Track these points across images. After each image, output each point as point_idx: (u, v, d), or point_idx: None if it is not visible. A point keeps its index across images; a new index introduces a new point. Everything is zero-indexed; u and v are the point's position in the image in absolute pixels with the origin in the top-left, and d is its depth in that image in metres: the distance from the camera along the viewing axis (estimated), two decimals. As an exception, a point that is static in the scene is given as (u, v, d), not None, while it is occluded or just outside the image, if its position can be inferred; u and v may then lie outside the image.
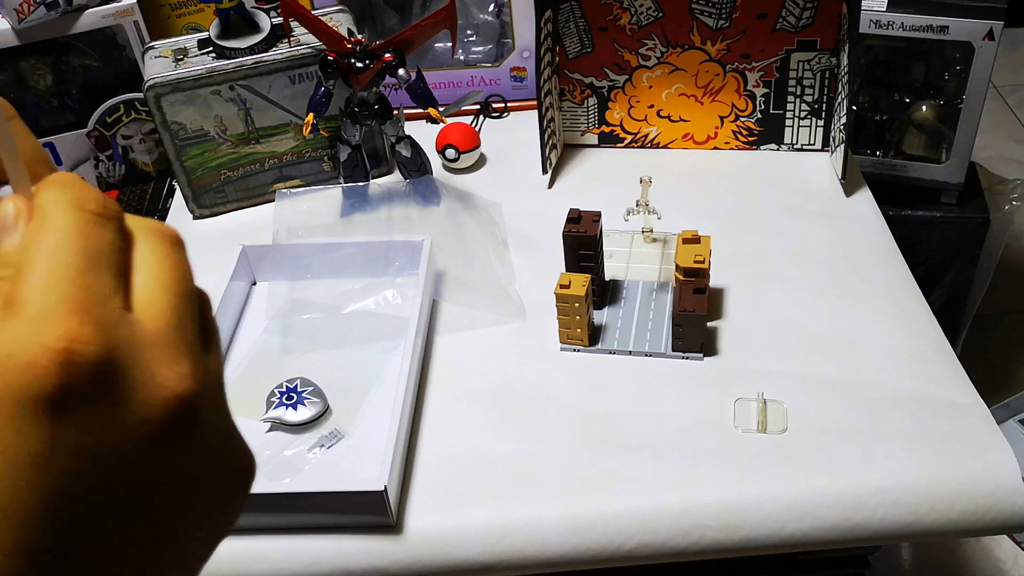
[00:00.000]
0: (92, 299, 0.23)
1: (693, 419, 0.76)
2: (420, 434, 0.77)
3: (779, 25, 1.00)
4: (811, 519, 0.69)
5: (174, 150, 1.01)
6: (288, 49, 0.99)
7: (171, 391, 0.24)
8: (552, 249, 0.86)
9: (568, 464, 0.74)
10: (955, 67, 1.24)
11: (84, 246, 0.23)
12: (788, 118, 1.06)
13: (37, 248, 0.23)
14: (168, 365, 0.24)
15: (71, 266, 0.23)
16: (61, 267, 0.23)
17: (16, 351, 0.22)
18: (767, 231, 0.96)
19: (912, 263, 0.91)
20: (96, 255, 0.24)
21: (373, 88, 0.97)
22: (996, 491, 0.70)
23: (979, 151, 1.41)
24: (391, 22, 1.24)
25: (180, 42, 1.01)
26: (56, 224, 0.24)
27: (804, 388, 0.78)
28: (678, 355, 0.82)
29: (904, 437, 0.73)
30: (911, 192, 1.31)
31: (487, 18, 1.22)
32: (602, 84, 1.07)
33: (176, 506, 0.25)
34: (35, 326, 0.22)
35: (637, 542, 0.69)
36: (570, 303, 0.80)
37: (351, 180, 1.03)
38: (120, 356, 0.23)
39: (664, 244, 0.94)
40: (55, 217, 0.24)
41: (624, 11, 1.02)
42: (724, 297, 0.88)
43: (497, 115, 1.19)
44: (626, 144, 1.11)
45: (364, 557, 0.69)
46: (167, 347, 0.24)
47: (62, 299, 0.22)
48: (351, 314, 0.89)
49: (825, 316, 0.85)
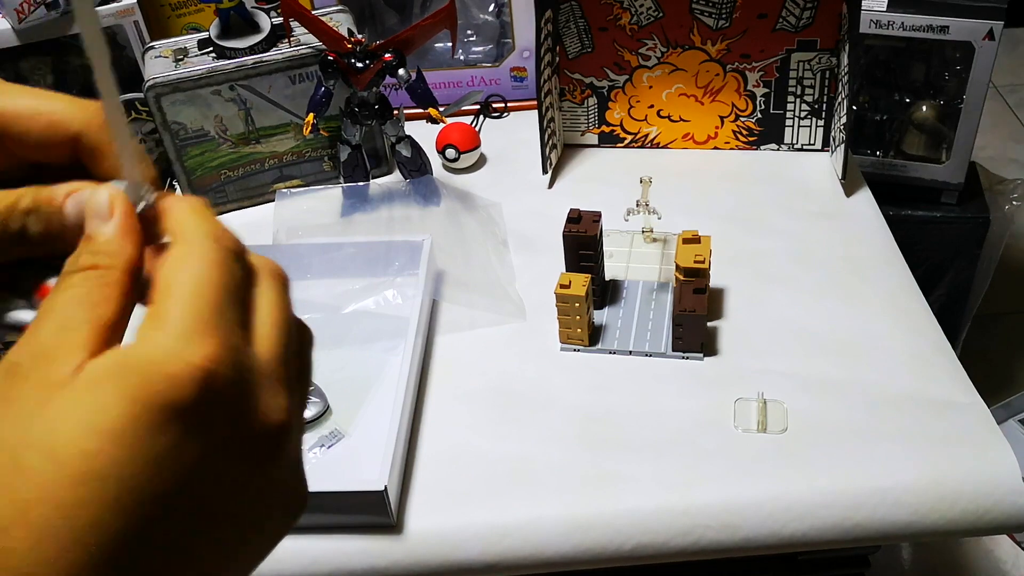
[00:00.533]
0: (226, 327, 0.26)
1: (693, 419, 0.76)
2: (420, 434, 0.77)
3: (779, 25, 1.00)
4: (811, 519, 0.69)
5: (174, 150, 1.01)
6: (288, 49, 0.99)
7: (271, 420, 0.27)
8: (552, 249, 0.86)
9: (568, 464, 0.74)
10: (955, 67, 1.24)
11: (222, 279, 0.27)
12: (788, 118, 1.06)
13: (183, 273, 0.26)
14: (272, 396, 0.27)
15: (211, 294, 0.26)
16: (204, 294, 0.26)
17: (160, 360, 0.24)
18: (767, 231, 0.96)
19: (912, 263, 0.91)
20: (231, 288, 0.27)
21: (373, 88, 0.97)
22: (996, 491, 0.70)
23: (979, 151, 1.41)
24: (391, 22, 1.24)
25: (180, 42, 1.01)
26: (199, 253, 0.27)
27: (804, 388, 0.78)
28: (678, 355, 0.82)
29: (904, 437, 0.73)
30: (911, 192, 1.31)
31: (487, 18, 1.22)
32: (602, 84, 1.07)
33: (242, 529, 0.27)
34: (180, 342, 0.25)
35: (637, 542, 0.69)
36: (570, 303, 0.80)
37: (351, 180, 1.03)
38: (241, 381, 0.26)
39: (664, 244, 0.94)
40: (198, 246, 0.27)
41: (624, 11, 1.02)
42: (724, 297, 0.88)
43: (497, 115, 1.19)
44: (626, 144, 1.11)
45: (364, 557, 0.69)
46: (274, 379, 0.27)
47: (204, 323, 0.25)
48: (351, 314, 0.89)
49: (825, 316, 0.85)
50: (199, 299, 0.26)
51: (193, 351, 0.25)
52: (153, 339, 0.25)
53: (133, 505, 0.24)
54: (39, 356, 0.25)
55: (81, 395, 0.24)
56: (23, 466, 0.23)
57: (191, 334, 0.25)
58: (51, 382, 0.24)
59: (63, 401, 0.24)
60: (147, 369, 0.24)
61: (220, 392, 0.25)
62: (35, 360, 0.25)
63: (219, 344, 0.25)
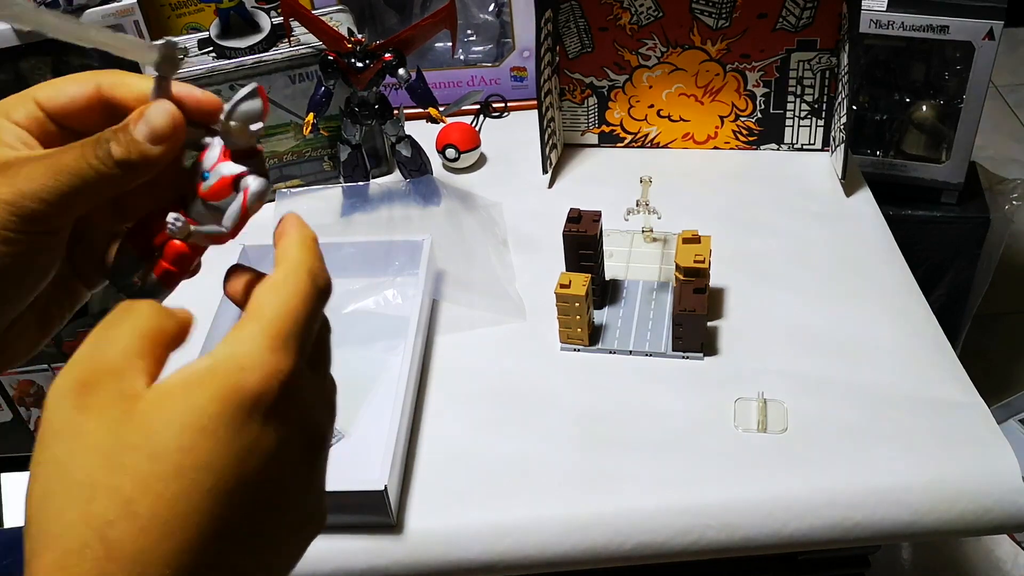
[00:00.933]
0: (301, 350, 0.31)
1: (693, 419, 0.76)
2: (420, 434, 0.77)
3: (779, 25, 1.00)
4: (811, 519, 0.69)
5: (174, 150, 1.01)
6: (288, 49, 0.99)
7: (321, 435, 0.32)
8: (552, 249, 0.86)
9: (568, 464, 0.74)
10: (955, 67, 1.24)
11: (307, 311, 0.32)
12: (788, 118, 1.06)
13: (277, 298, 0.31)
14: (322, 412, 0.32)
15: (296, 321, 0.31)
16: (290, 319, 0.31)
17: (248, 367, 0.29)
18: (767, 231, 0.96)
19: (912, 263, 0.91)
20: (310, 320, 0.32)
21: (373, 88, 0.97)
22: (996, 491, 0.70)
23: (979, 151, 1.41)
24: (391, 22, 1.24)
25: (180, 42, 1.01)
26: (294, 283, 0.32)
27: (804, 388, 0.78)
28: (678, 355, 0.82)
29: (904, 437, 0.73)
30: (911, 192, 1.31)
31: (487, 18, 1.22)
32: (602, 84, 1.07)
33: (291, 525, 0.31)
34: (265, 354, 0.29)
35: (637, 542, 0.69)
36: (570, 303, 0.80)
37: (351, 180, 1.03)
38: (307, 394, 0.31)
39: (664, 244, 0.94)
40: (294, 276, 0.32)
41: (624, 11, 1.02)
42: (724, 297, 0.88)
43: (497, 115, 1.19)
44: (626, 144, 1.11)
45: (364, 557, 0.69)
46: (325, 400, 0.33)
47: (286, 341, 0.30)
48: (351, 314, 0.89)
49: (825, 316, 0.85)
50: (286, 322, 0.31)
51: (276, 361, 0.29)
52: (242, 348, 0.29)
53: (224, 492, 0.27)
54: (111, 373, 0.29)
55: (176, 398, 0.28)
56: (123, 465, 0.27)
57: (275, 348, 0.30)
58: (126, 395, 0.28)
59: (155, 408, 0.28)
60: (236, 374, 0.28)
61: (292, 398, 0.30)
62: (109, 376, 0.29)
63: (295, 361, 0.30)
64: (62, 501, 0.26)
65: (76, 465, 0.27)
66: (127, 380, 0.28)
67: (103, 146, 0.33)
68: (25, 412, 1.52)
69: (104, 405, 0.28)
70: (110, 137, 0.33)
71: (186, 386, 0.28)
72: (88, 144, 0.33)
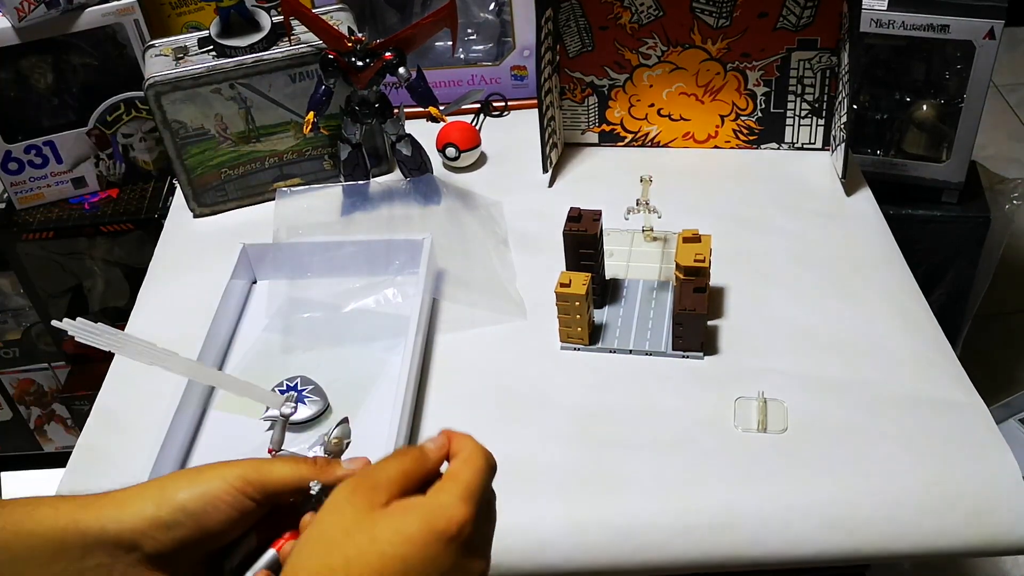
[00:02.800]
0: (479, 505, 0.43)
1: (693, 418, 0.76)
2: (420, 433, 0.77)
3: (780, 24, 1.00)
4: (811, 518, 0.69)
5: (174, 148, 1.01)
6: (288, 47, 0.99)
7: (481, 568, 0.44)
8: (552, 248, 0.86)
9: (568, 464, 0.74)
10: (956, 66, 1.24)
11: (485, 479, 0.45)
12: (789, 117, 1.06)
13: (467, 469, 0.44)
14: (484, 552, 0.44)
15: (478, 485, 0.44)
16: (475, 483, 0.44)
17: (446, 507, 0.42)
18: (767, 230, 0.96)
19: (912, 262, 0.91)
20: (486, 486, 0.45)
21: (373, 87, 0.97)
22: (995, 490, 0.70)
23: (980, 150, 1.41)
24: (391, 21, 1.24)
25: (180, 40, 1.01)
26: (476, 461, 0.45)
27: (804, 387, 0.78)
28: (678, 354, 0.82)
29: (904, 437, 0.73)
30: (912, 191, 1.30)
31: (487, 17, 1.22)
32: (603, 83, 1.07)
33: None
34: (457, 502, 0.42)
35: (637, 541, 0.69)
36: (570, 302, 0.80)
37: (351, 179, 1.03)
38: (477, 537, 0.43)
39: (664, 243, 0.94)
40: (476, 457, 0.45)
41: (625, 10, 1.01)
42: (724, 296, 0.88)
43: (497, 114, 1.19)
44: (627, 143, 1.11)
45: (364, 556, 0.69)
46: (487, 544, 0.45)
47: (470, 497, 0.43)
48: (351, 313, 0.89)
49: (825, 315, 0.85)
50: (472, 485, 0.44)
51: (463, 509, 0.42)
52: (443, 495, 0.43)
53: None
54: (372, 487, 0.43)
55: (396, 513, 0.42)
56: (354, 540, 0.41)
57: (463, 500, 0.42)
58: (376, 501, 0.42)
59: (384, 513, 0.42)
60: (437, 510, 0.42)
61: (466, 536, 0.42)
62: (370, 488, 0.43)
63: (475, 512, 0.43)
64: (311, 547, 0.42)
65: (330, 529, 0.42)
66: (379, 494, 0.43)
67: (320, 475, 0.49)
68: (25, 411, 1.52)
69: (360, 503, 0.42)
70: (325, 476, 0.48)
71: (406, 509, 0.42)
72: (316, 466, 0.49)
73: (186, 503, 0.45)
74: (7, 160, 1.18)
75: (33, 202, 1.23)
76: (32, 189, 1.22)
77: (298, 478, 0.47)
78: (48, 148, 1.19)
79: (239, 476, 0.46)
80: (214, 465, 0.47)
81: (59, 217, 1.23)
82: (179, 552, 0.45)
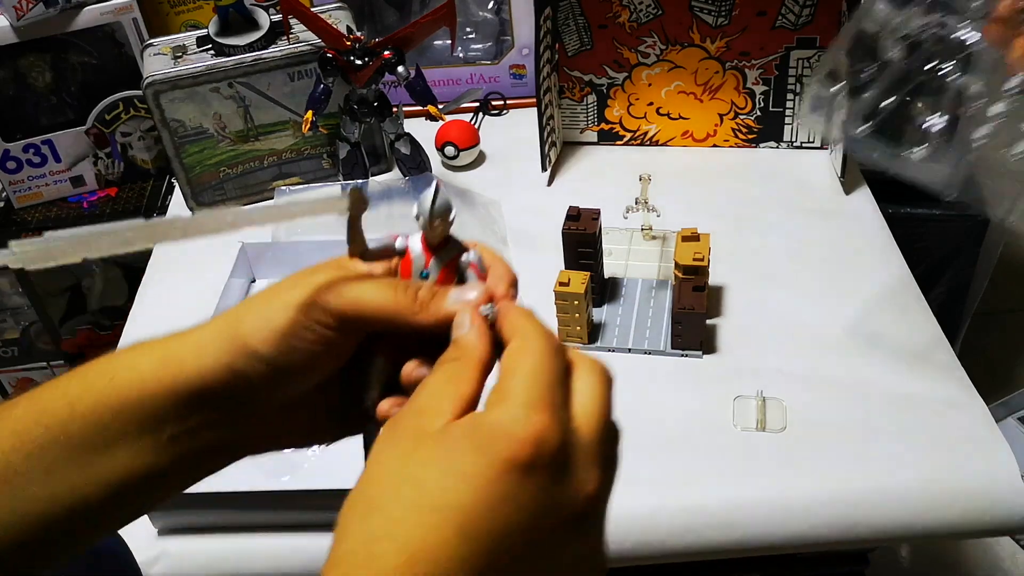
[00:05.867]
0: (555, 405, 0.32)
1: (692, 417, 0.76)
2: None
3: (779, 23, 1.00)
4: (810, 517, 0.69)
5: (173, 147, 1.01)
6: (287, 46, 0.98)
7: (586, 491, 0.32)
8: (551, 246, 0.86)
9: (567, 462, 0.73)
10: (955, 65, 1.24)
11: (552, 366, 0.33)
12: (787, 116, 1.06)
13: (523, 360, 0.33)
14: (589, 470, 0.32)
15: (545, 378, 0.32)
16: (539, 377, 0.32)
17: (506, 426, 0.31)
18: (766, 229, 0.96)
19: (911, 261, 0.91)
20: (558, 374, 0.33)
21: (372, 85, 0.97)
22: (995, 489, 0.70)
23: (979, 149, 1.40)
24: (390, 19, 1.24)
25: (179, 39, 1.01)
26: (534, 346, 0.34)
27: (803, 386, 0.78)
28: (677, 353, 0.82)
29: (903, 435, 0.73)
30: (910, 190, 1.30)
31: (486, 15, 1.22)
32: (601, 82, 1.07)
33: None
34: (520, 412, 0.31)
35: (636, 541, 0.69)
36: (569, 301, 0.80)
37: (350, 177, 1.03)
38: (565, 451, 0.31)
39: (663, 242, 0.94)
40: (533, 341, 0.34)
41: (624, 8, 1.01)
42: (723, 295, 0.88)
43: (496, 113, 1.19)
44: (625, 142, 1.11)
45: (363, 555, 0.69)
46: (591, 456, 0.32)
47: (539, 400, 0.31)
48: (350, 312, 0.89)
49: (824, 314, 0.85)
50: (536, 381, 0.32)
51: (531, 420, 0.31)
52: (500, 408, 0.32)
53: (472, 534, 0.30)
54: (416, 413, 0.33)
55: (444, 446, 0.31)
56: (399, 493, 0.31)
57: (529, 407, 0.31)
58: (423, 432, 0.32)
59: (430, 449, 0.31)
60: (495, 431, 0.31)
61: (548, 455, 0.31)
62: (413, 415, 0.33)
63: (550, 417, 0.31)
64: (351, 511, 0.31)
65: (368, 484, 0.32)
66: (428, 418, 0.32)
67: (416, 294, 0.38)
68: (24, 410, 1.52)
69: (400, 437, 0.32)
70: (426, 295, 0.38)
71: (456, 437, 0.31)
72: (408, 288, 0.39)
73: (258, 348, 0.37)
74: (5, 159, 1.18)
75: (31, 201, 1.23)
76: (30, 188, 1.22)
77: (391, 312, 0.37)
78: (46, 147, 1.19)
79: (305, 304, 0.38)
80: (283, 284, 0.40)
81: (57, 216, 1.22)
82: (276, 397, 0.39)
